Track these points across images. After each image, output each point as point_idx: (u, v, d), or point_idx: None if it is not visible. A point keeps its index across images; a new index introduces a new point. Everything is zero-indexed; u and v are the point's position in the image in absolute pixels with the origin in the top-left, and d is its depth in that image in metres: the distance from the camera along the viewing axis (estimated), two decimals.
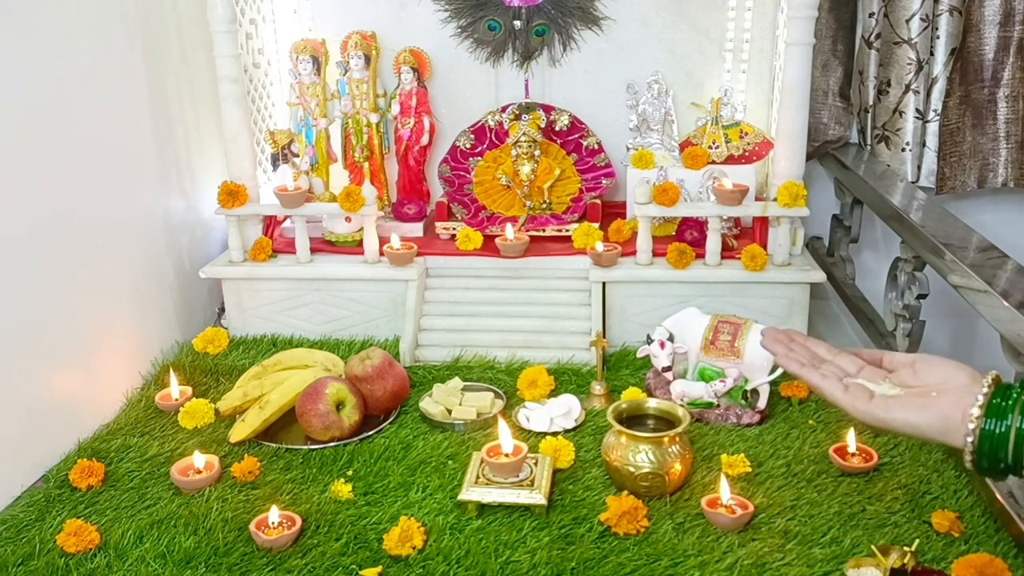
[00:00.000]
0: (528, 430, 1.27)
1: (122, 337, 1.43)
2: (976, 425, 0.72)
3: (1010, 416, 0.72)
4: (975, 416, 0.72)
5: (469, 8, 1.74)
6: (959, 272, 1.22)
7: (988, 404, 0.73)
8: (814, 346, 0.87)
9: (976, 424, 0.72)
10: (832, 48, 1.83)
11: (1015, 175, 1.78)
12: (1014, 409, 0.72)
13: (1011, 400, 0.72)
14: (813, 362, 0.84)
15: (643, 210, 1.51)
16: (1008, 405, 0.72)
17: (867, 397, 0.78)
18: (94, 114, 1.36)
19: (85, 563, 1.01)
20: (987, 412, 0.73)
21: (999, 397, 0.73)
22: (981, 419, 0.72)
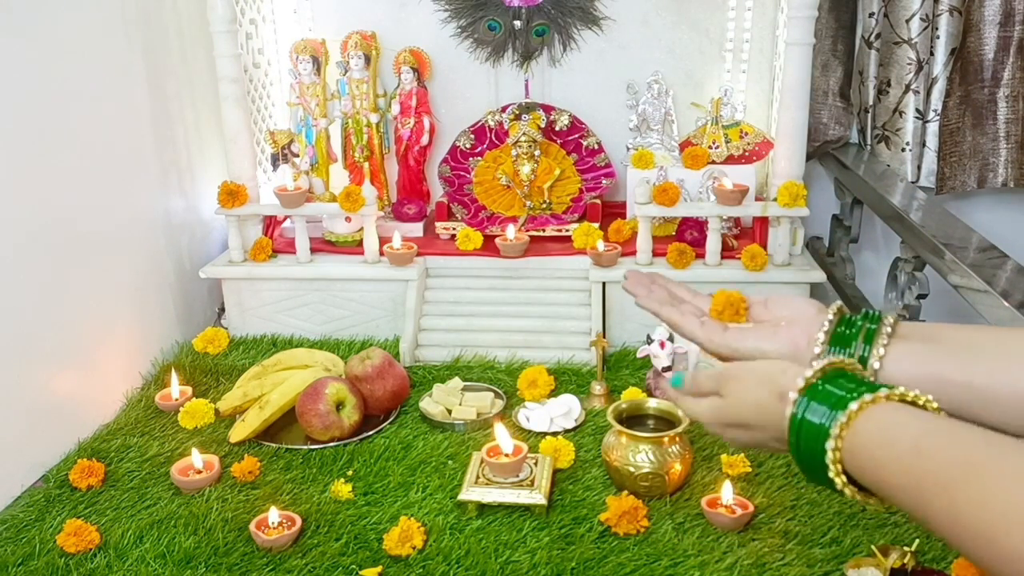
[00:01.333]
0: (528, 430, 1.27)
1: (122, 337, 1.43)
2: (821, 351, 0.74)
3: (853, 344, 0.73)
4: (820, 341, 0.74)
5: (469, 8, 1.74)
6: (959, 272, 1.22)
7: (832, 332, 0.75)
8: (675, 288, 0.89)
9: (821, 350, 0.74)
10: (832, 48, 1.83)
11: (1015, 175, 1.78)
12: (857, 337, 0.73)
13: (854, 328, 0.74)
14: (672, 301, 0.86)
15: (643, 210, 1.51)
16: (851, 333, 0.74)
17: (722, 329, 0.80)
18: (94, 114, 1.36)
19: (85, 563, 1.01)
20: (831, 340, 0.74)
21: (843, 326, 0.75)
22: (825, 346, 0.74)
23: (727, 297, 0.83)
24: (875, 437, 0.60)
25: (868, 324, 0.73)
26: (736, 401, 0.72)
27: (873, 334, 0.72)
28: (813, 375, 0.66)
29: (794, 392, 0.65)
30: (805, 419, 0.64)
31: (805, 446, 0.64)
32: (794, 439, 0.65)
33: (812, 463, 0.64)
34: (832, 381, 0.65)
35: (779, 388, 0.67)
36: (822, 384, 0.65)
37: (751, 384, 0.71)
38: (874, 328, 0.73)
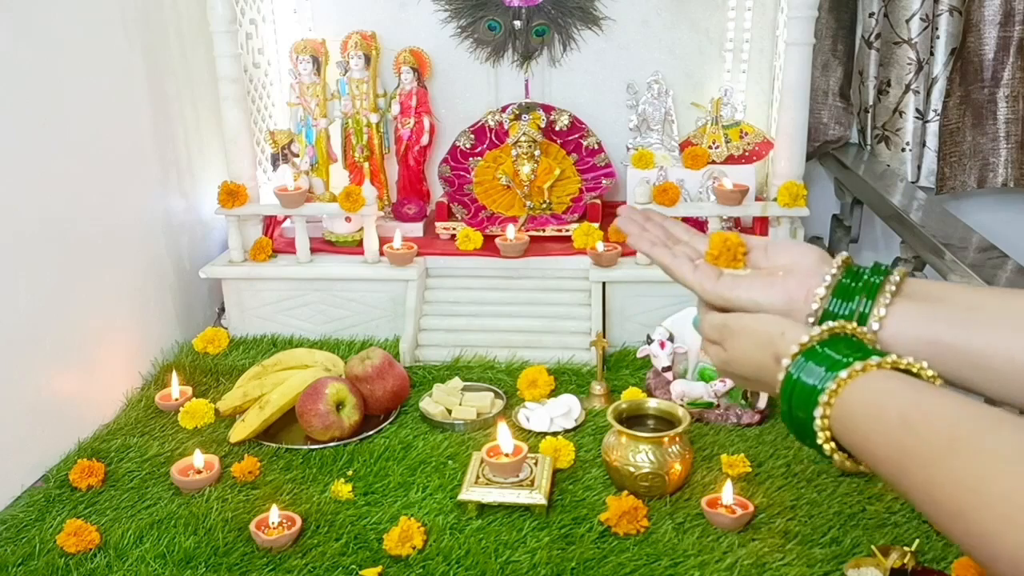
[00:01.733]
0: (528, 430, 1.27)
1: (122, 337, 1.43)
2: (820, 306, 0.69)
3: (856, 298, 0.68)
4: (820, 296, 0.69)
5: (469, 8, 1.74)
6: (959, 272, 1.22)
7: (836, 285, 0.70)
8: (672, 226, 0.83)
9: (820, 304, 0.69)
10: (832, 48, 1.83)
11: (1015, 175, 1.78)
12: (861, 292, 0.68)
13: (860, 282, 0.69)
14: (667, 242, 0.80)
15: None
16: (856, 287, 0.69)
17: (715, 276, 0.75)
18: (94, 114, 1.36)
19: (85, 563, 1.01)
20: (834, 292, 0.69)
21: (848, 278, 0.70)
22: (826, 299, 0.69)
23: (724, 240, 0.77)
24: (863, 406, 0.58)
25: (873, 278, 0.69)
26: (737, 356, 0.70)
27: (876, 289, 0.68)
28: (810, 340, 0.63)
29: (787, 358, 0.63)
30: (797, 384, 0.62)
31: (796, 411, 0.62)
32: (785, 405, 0.64)
33: (802, 428, 0.62)
34: (831, 345, 0.63)
35: (776, 351, 0.65)
36: (820, 347, 0.63)
37: (750, 345, 0.69)
38: (878, 283, 0.68)
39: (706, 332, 0.75)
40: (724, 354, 0.72)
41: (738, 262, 0.76)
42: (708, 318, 0.74)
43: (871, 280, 0.68)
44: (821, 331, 0.63)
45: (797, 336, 0.64)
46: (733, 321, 0.71)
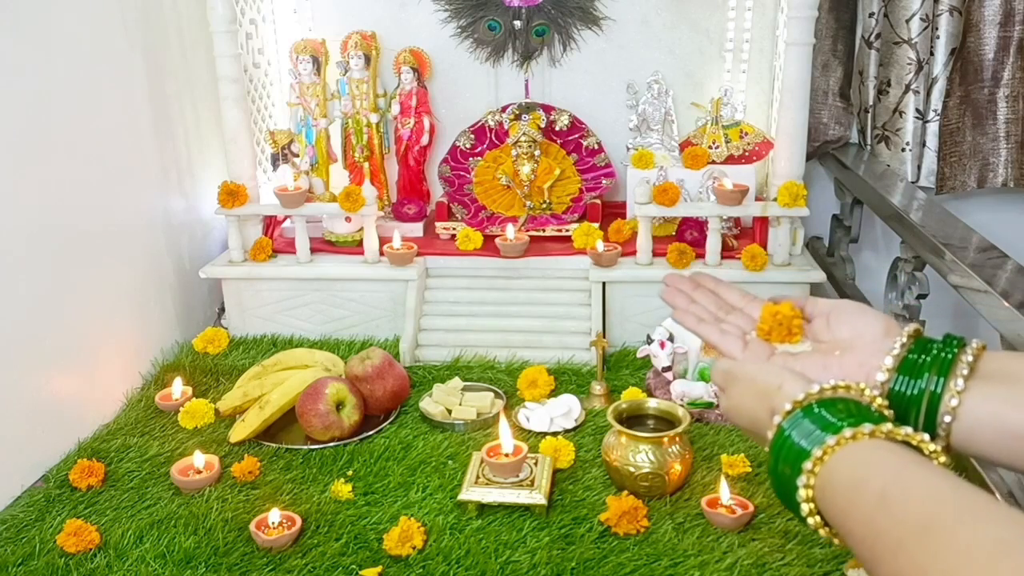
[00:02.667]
0: (528, 430, 1.27)
1: (122, 337, 1.43)
2: (886, 379, 0.61)
3: (925, 375, 0.60)
4: (886, 367, 0.61)
5: (469, 8, 1.74)
6: (959, 272, 1.22)
7: (903, 358, 0.61)
8: (725, 292, 0.76)
9: (886, 379, 0.61)
10: (832, 48, 1.83)
11: (1015, 175, 1.78)
12: (930, 368, 0.60)
13: (930, 356, 0.61)
14: (719, 313, 0.74)
15: (643, 210, 1.51)
16: (924, 362, 0.60)
17: (766, 355, 0.68)
18: (94, 114, 1.36)
19: (85, 563, 1.01)
20: (900, 368, 0.61)
21: (916, 352, 0.61)
22: (892, 375, 0.61)
23: (776, 314, 0.69)
24: (846, 478, 0.53)
25: (945, 352, 0.61)
26: (735, 405, 0.66)
27: (948, 366, 0.60)
28: (806, 397, 0.58)
29: (779, 415, 0.59)
30: (786, 443, 0.57)
31: (782, 470, 0.57)
32: (773, 463, 0.59)
33: (787, 492, 0.57)
34: (828, 405, 0.57)
35: (771, 404, 0.61)
36: (818, 407, 0.57)
37: (748, 394, 0.64)
38: (950, 358, 0.60)
39: (715, 377, 0.70)
40: (725, 401, 0.68)
41: (793, 336, 0.68)
42: (718, 364, 0.70)
43: (942, 355, 0.60)
44: (820, 388, 0.59)
45: (794, 391, 0.59)
46: (737, 368, 0.68)
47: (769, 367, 0.65)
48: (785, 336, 0.68)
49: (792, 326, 0.68)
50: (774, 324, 0.69)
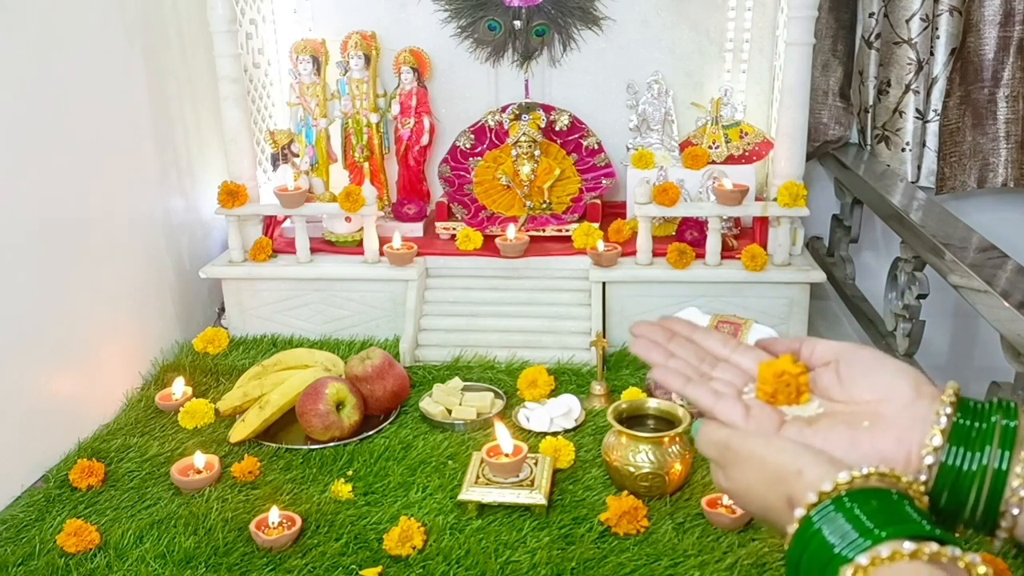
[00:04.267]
0: (528, 430, 1.27)
1: (122, 337, 1.43)
2: (935, 461, 0.51)
3: (987, 448, 0.51)
4: (935, 446, 0.52)
5: (469, 8, 1.74)
6: (959, 272, 1.22)
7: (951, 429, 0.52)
8: (704, 339, 0.65)
9: (934, 459, 0.51)
10: (832, 48, 1.83)
11: (1015, 175, 1.78)
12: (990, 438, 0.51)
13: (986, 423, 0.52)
14: (702, 367, 0.63)
15: (643, 210, 1.51)
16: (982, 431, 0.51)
17: (777, 422, 0.57)
18: (94, 114, 1.36)
19: (85, 563, 1.01)
20: (951, 437, 0.52)
21: (965, 417, 0.52)
22: (942, 450, 0.52)
23: (778, 372, 0.58)
24: None
25: (1006, 419, 0.52)
26: (740, 489, 0.56)
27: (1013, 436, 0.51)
28: (834, 489, 0.49)
29: (802, 508, 0.50)
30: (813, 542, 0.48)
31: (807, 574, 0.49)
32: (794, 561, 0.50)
33: None
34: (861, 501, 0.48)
35: (789, 492, 0.51)
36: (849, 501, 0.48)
37: (757, 478, 0.54)
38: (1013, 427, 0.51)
39: (704, 448, 0.59)
40: (725, 481, 0.58)
41: (801, 396, 0.58)
42: (707, 430, 0.59)
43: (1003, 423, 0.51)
44: (851, 477, 0.49)
45: (818, 479, 0.50)
46: (738, 442, 0.56)
47: (783, 444, 0.54)
48: (792, 398, 0.58)
49: (799, 385, 0.58)
50: (779, 385, 0.58)
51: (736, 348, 0.64)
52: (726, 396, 0.59)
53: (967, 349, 1.92)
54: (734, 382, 0.61)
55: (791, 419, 0.57)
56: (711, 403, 0.59)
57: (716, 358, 0.63)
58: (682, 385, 0.61)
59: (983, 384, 1.16)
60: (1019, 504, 0.50)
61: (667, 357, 0.64)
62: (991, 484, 0.51)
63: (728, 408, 0.58)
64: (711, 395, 0.60)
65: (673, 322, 0.66)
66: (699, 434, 0.59)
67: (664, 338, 0.65)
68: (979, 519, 0.52)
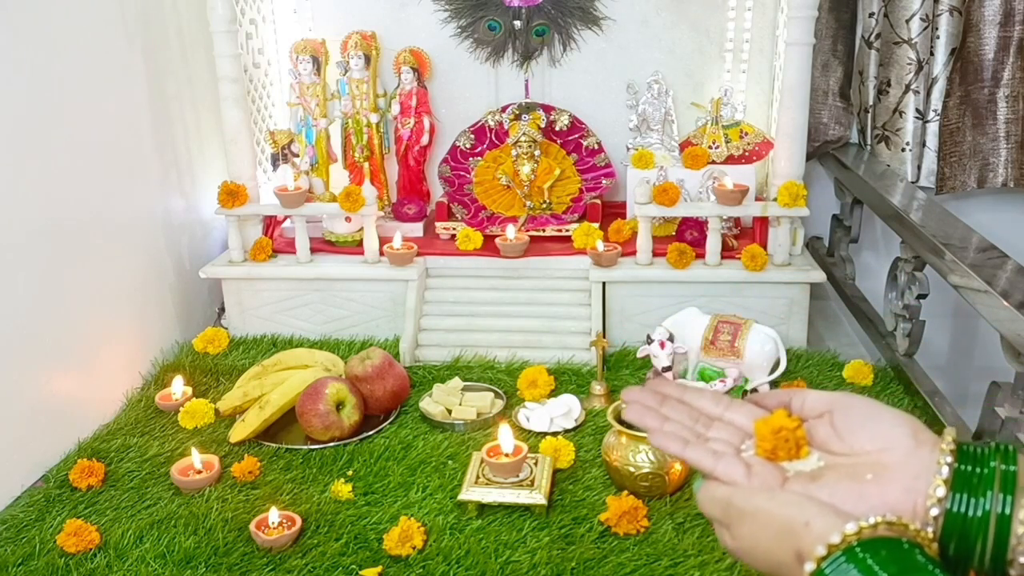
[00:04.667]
0: (528, 430, 1.27)
1: (122, 337, 1.43)
2: (940, 511, 0.51)
3: (988, 493, 0.51)
4: (939, 497, 0.52)
5: (469, 8, 1.74)
6: (959, 272, 1.22)
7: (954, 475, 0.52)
8: (695, 399, 0.64)
9: (939, 510, 0.51)
10: (832, 48, 1.83)
11: (1015, 175, 1.78)
12: (991, 483, 0.51)
13: (987, 467, 0.52)
14: (697, 427, 0.63)
15: (643, 210, 1.51)
16: (982, 476, 0.52)
17: (780, 479, 0.56)
18: (94, 114, 1.36)
19: (85, 563, 1.01)
20: (954, 485, 0.52)
21: (966, 463, 0.53)
22: (947, 497, 0.52)
23: (776, 429, 0.58)
24: None
25: (1003, 464, 0.52)
26: (746, 547, 0.55)
27: (1013, 480, 0.51)
28: (843, 540, 0.49)
29: (812, 562, 0.50)
30: None
31: None
32: None
33: None
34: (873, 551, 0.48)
35: (798, 546, 0.51)
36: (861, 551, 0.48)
37: (764, 534, 0.54)
38: (1013, 470, 0.52)
39: (706, 507, 0.58)
40: (731, 541, 0.57)
41: (800, 451, 0.58)
42: (708, 489, 0.58)
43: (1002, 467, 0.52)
44: (859, 528, 0.49)
45: (826, 531, 0.50)
46: (742, 499, 0.56)
47: (788, 498, 0.54)
48: (793, 453, 0.58)
49: (798, 439, 0.58)
50: (778, 442, 0.58)
51: (729, 406, 0.63)
52: (726, 456, 0.59)
53: (967, 349, 1.92)
54: (731, 440, 0.61)
55: (793, 475, 0.57)
56: (712, 464, 0.59)
57: (710, 417, 0.63)
58: (681, 449, 0.61)
59: (983, 384, 1.16)
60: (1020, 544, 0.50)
61: (662, 421, 0.63)
62: (996, 530, 0.51)
63: (729, 467, 0.58)
64: (711, 456, 0.59)
65: (662, 384, 0.67)
66: (700, 493, 0.59)
67: (656, 402, 0.65)
68: (988, 566, 0.52)
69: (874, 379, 1.40)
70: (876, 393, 1.37)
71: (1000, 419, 1.11)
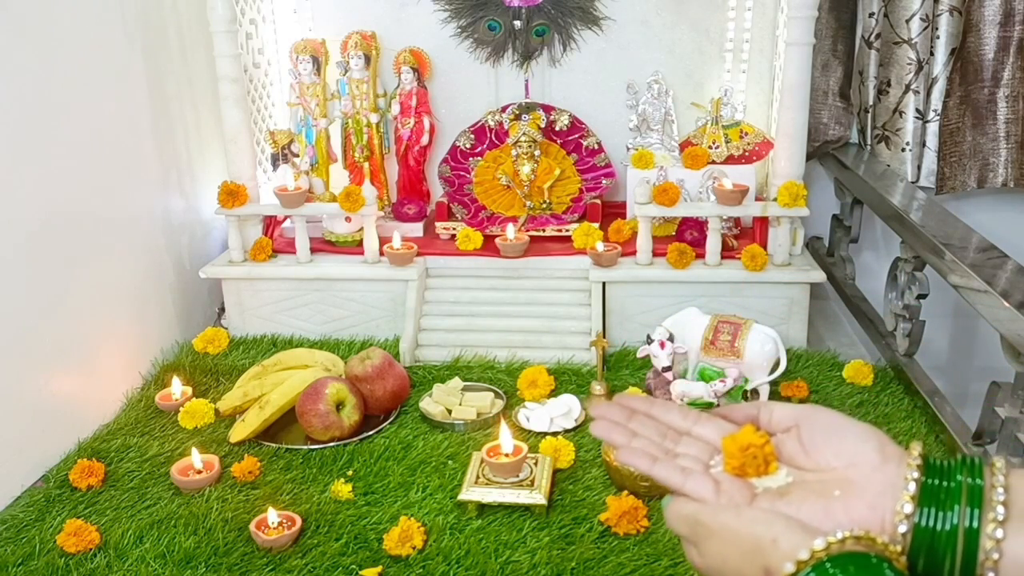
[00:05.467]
0: (528, 430, 1.27)
1: (122, 337, 1.43)
2: (908, 528, 0.51)
3: (955, 507, 0.51)
4: (906, 513, 0.51)
5: (469, 8, 1.74)
6: (959, 272, 1.22)
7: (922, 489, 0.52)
8: (661, 413, 0.64)
9: (908, 526, 0.51)
10: (832, 48, 1.82)
11: (1015, 175, 1.77)
12: (958, 498, 0.51)
13: (953, 481, 0.52)
14: (665, 443, 0.62)
15: (643, 210, 1.51)
16: (950, 489, 0.51)
17: (748, 496, 0.56)
18: (94, 114, 1.36)
19: (85, 563, 1.01)
20: (921, 499, 0.52)
21: (934, 476, 0.52)
22: (915, 512, 0.51)
23: (743, 445, 0.58)
24: None
25: (970, 478, 0.52)
26: (714, 564, 0.55)
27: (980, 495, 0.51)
28: (811, 556, 0.49)
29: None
30: None
31: None
32: None
33: None
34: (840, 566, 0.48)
35: (766, 563, 0.51)
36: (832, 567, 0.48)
37: (731, 551, 0.53)
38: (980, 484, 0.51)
39: (673, 525, 0.58)
40: (699, 558, 0.56)
41: (769, 467, 0.58)
42: (676, 506, 0.57)
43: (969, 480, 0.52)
44: (828, 543, 0.49)
45: (794, 548, 0.50)
46: (708, 517, 0.55)
47: (754, 515, 0.54)
48: (761, 469, 0.57)
49: (766, 456, 0.58)
50: (746, 459, 0.58)
51: (697, 420, 0.63)
52: (694, 473, 0.59)
53: (967, 349, 1.92)
54: (700, 456, 0.61)
55: (762, 491, 0.57)
56: (680, 481, 0.58)
57: (678, 432, 0.63)
58: (649, 465, 0.60)
59: (983, 384, 1.16)
60: (994, 568, 0.49)
61: (629, 437, 0.62)
62: (965, 544, 0.50)
63: (698, 485, 0.58)
64: (679, 473, 0.59)
65: (630, 400, 0.66)
66: (668, 510, 0.58)
67: (623, 417, 0.64)
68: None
69: (874, 379, 1.40)
70: (876, 393, 1.37)
71: (1000, 419, 1.11)
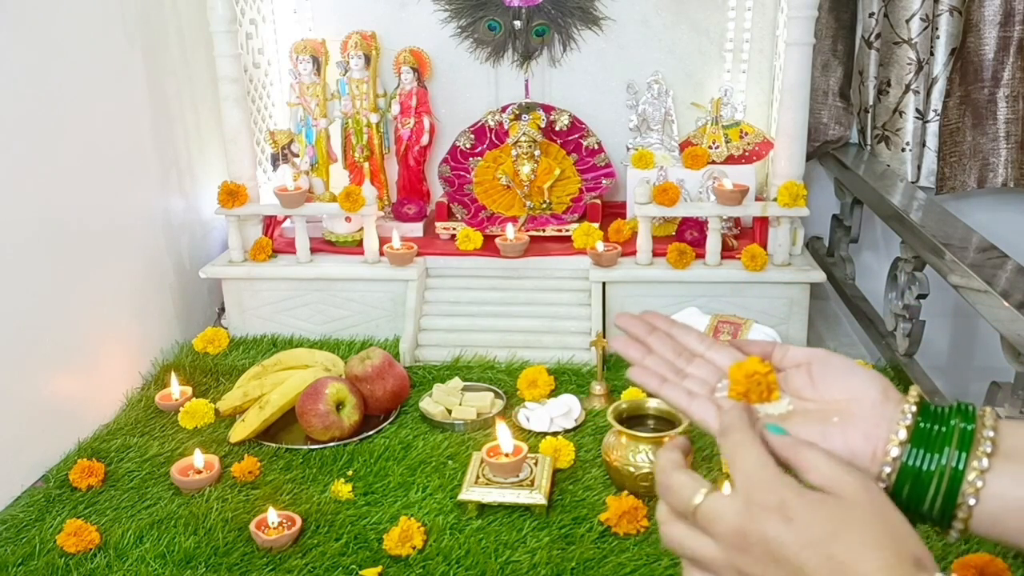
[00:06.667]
0: (528, 430, 1.27)
1: (122, 337, 1.43)
2: (898, 455, 0.54)
3: (945, 450, 0.54)
4: (900, 440, 0.54)
5: (469, 8, 1.74)
6: (959, 272, 1.22)
7: (914, 429, 0.55)
8: (681, 335, 0.67)
9: (898, 454, 0.54)
10: (832, 48, 1.83)
11: (1015, 175, 1.78)
12: (949, 440, 0.54)
13: (946, 426, 0.55)
14: (678, 362, 0.65)
15: (643, 210, 1.51)
16: (942, 433, 0.54)
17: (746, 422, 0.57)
18: (94, 114, 1.36)
19: (85, 563, 1.01)
20: (912, 439, 0.55)
21: (927, 420, 0.55)
22: (906, 446, 0.54)
23: (749, 372, 0.60)
24: None
25: (963, 423, 0.54)
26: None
27: (970, 439, 0.54)
28: None
29: None
30: None
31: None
32: None
33: None
34: None
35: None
36: None
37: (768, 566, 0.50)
38: (970, 430, 0.54)
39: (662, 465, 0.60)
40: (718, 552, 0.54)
41: (772, 394, 0.61)
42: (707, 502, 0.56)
43: (961, 426, 0.54)
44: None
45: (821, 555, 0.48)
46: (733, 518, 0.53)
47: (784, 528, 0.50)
48: (764, 396, 0.60)
49: (770, 383, 0.61)
50: (750, 385, 0.60)
51: (712, 345, 0.66)
52: (699, 397, 0.62)
53: (967, 349, 1.92)
54: (708, 380, 0.64)
55: (763, 416, 0.59)
56: (685, 403, 0.62)
57: (692, 354, 0.66)
58: (657, 386, 0.64)
59: (983, 384, 1.16)
60: (975, 495, 0.52)
61: (644, 354, 0.66)
62: (948, 482, 0.53)
63: (701, 408, 0.61)
64: (685, 395, 0.62)
65: (654, 317, 0.69)
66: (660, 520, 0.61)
67: (644, 331, 0.67)
68: (936, 513, 0.54)
69: None
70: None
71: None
